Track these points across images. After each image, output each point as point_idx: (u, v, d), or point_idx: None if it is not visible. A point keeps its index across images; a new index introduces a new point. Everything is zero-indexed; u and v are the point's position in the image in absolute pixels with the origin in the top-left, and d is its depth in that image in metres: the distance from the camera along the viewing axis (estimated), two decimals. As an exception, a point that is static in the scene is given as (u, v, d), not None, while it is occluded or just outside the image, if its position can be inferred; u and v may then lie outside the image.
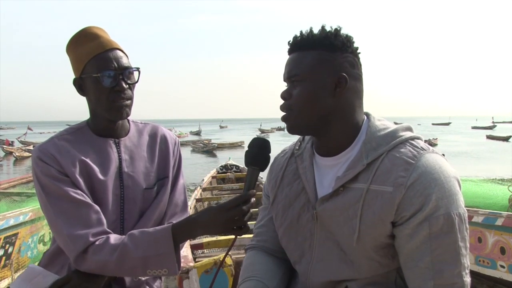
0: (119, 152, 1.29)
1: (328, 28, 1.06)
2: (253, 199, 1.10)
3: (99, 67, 1.19)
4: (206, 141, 31.88)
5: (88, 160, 1.23)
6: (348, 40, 1.05)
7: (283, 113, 1.07)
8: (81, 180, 1.20)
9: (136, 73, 1.27)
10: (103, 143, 1.28)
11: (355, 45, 1.06)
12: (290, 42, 1.08)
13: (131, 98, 1.25)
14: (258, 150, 1.10)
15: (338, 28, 1.05)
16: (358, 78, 1.06)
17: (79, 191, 1.18)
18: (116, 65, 1.20)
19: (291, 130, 1.07)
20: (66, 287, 1.14)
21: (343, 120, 1.04)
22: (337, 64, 1.03)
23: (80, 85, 1.25)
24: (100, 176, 1.23)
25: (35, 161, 1.20)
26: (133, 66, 1.26)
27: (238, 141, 32.30)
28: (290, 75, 1.05)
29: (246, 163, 1.11)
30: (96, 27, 1.26)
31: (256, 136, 1.13)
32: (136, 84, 1.29)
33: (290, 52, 1.08)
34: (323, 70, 1.02)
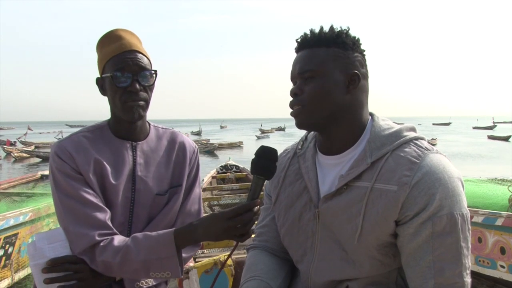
0: (134, 156, 1.29)
1: (337, 28, 1.07)
2: (256, 208, 1.09)
3: (114, 68, 1.21)
4: (204, 141, 31.90)
5: (102, 160, 1.24)
6: (357, 40, 1.07)
7: (294, 109, 1.07)
8: (94, 180, 1.21)
9: (153, 76, 1.27)
10: (120, 145, 1.29)
11: (362, 46, 1.09)
12: (300, 39, 1.08)
13: (145, 100, 1.25)
14: (266, 160, 1.08)
15: (348, 29, 1.07)
16: (366, 77, 1.08)
17: (90, 191, 1.20)
18: (131, 66, 1.21)
19: (301, 126, 1.07)
20: (73, 266, 1.15)
21: (351, 117, 1.05)
22: (349, 62, 1.05)
23: (101, 84, 1.27)
24: (112, 178, 1.24)
25: (52, 157, 1.22)
26: (152, 69, 1.26)
27: (237, 141, 32.30)
28: (303, 71, 1.05)
29: (252, 171, 1.09)
30: (122, 29, 1.27)
31: (263, 145, 1.12)
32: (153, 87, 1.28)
33: (300, 49, 1.08)
34: (336, 67, 1.04)
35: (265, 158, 1.08)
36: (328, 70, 1.03)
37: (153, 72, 1.26)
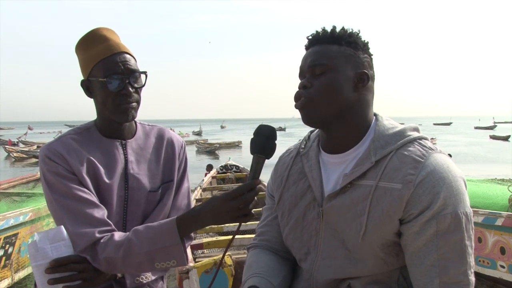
0: (125, 154, 1.29)
1: (349, 29, 1.09)
2: (258, 187, 1.08)
3: (105, 71, 1.19)
4: (202, 141, 32.07)
5: (95, 160, 1.23)
6: (367, 43, 1.09)
7: (301, 101, 1.06)
8: (88, 180, 1.21)
9: (143, 76, 1.27)
10: (110, 144, 1.29)
11: (370, 50, 1.10)
12: (312, 36, 1.09)
13: (137, 101, 1.25)
14: (264, 137, 1.08)
15: (359, 31, 1.09)
16: (373, 79, 1.09)
17: (85, 190, 1.19)
18: (122, 69, 1.20)
19: (309, 120, 1.06)
20: (78, 266, 1.14)
21: (357, 116, 1.06)
22: (360, 62, 1.06)
23: (87, 87, 1.26)
24: (106, 177, 1.24)
25: (42, 160, 1.21)
26: (140, 69, 1.26)
27: (235, 141, 32.37)
28: (314, 64, 1.05)
29: (252, 151, 1.08)
30: (105, 29, 1.26)
31: (262, 124, 1.11)
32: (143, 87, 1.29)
33: (311, 45, 1.09)
34: (348, 64, 1.05)
35: (264, 136, 1.08)
36: (340, 66, 1.04)
37: (142, 72, 1.26)
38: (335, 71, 1.03)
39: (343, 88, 1.03)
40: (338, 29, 1.08)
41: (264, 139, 1.07)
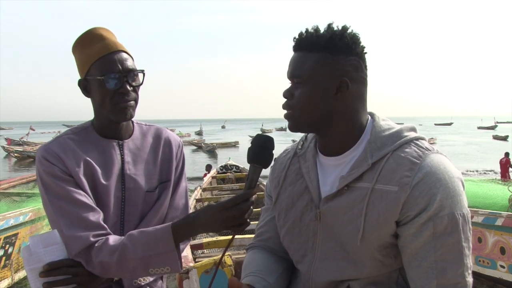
0: (122, 154, 1.29)
1: (335, 28, 1.03)
2: (253, 197, 1.09)
3: (103, 70, 1.19)
4: (196, 141, 32.28)
5: (91, 161, 1.23)
6: (353, 42, 1.02)
7: (285, 112, 1.07)
8: (84, 181, 1.20)
9: (140, 75, 1.27)
10: (107, 144, 1.28)
11: (362, 45, 1.04)
12: (296, 39, 1.07)
13: (135, 100, 1.25)
14: (261, 147, 1.08)
15: (344, 30, 1.03)
16: (361, 81, 1.05)
17: (81, 192, 1.18)
18: (120, 67, 1.20)
19: (293, 129, 1.08)
20: (72, 270, 1.13)
21: (345, 121, 1.04)
22: (340, 68, 1.01)
23: (85, 86, 1.25)
24: (103, 178, 1.23)
25: (39, 160, 1.20)
26: (137, 68, 1.25)
27: (232, 141, 32.51)
28: (292, 75, 1.05)
29: (249, 160, 1.08)
30: (102, 28, 1.26)
31: (259, 133, 1.11)
32: (141, 86, 1.29)
33: (295, 49, 1.07)
34: (325, 74, 1.01)
35: (261, 146, 1.08)
36: (316, 78, 1.01)
37: (140, 71, 1.26)
38: (311, 83, 1.02)
39: (321, 99, 1.02)
40: (321, 31, 1.04)
41: (260, 149, 1.07)
